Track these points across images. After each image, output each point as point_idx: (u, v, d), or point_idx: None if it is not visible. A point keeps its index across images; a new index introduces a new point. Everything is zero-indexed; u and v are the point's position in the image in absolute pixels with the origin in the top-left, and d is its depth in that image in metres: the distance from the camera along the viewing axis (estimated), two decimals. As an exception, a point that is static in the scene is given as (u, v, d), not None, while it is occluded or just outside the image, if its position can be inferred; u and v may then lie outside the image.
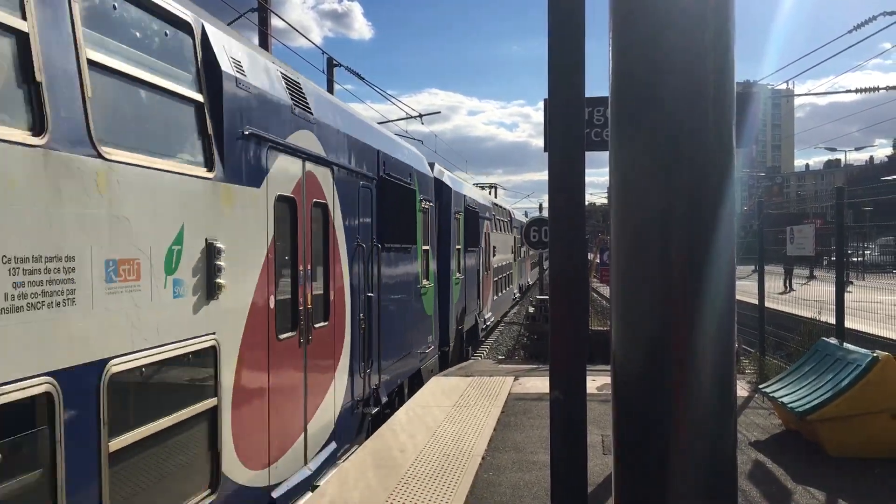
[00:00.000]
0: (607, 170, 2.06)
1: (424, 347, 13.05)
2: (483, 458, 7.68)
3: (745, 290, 11.14)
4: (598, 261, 22.21)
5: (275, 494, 6.32)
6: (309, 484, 7.03)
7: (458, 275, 16.63)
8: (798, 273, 26.04)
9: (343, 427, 8.29)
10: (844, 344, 8.35)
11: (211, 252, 5.20)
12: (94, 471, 4.02)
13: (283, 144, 6.58)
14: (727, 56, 1.79)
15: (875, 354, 7.53)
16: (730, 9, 1.79)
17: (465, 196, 17.86)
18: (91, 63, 4.10)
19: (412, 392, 11.81)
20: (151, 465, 4.67)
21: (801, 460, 7.48)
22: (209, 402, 5.25)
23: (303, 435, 7.10)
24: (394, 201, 10.21)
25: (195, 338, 5.04)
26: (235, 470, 5.63)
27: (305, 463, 7.13)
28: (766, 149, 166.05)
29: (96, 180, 4.04)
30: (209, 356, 5.26)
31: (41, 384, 3.60)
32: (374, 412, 9.40)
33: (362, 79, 19.55)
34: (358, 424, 8.97)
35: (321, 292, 7.68)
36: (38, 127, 3.63)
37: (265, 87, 6.37)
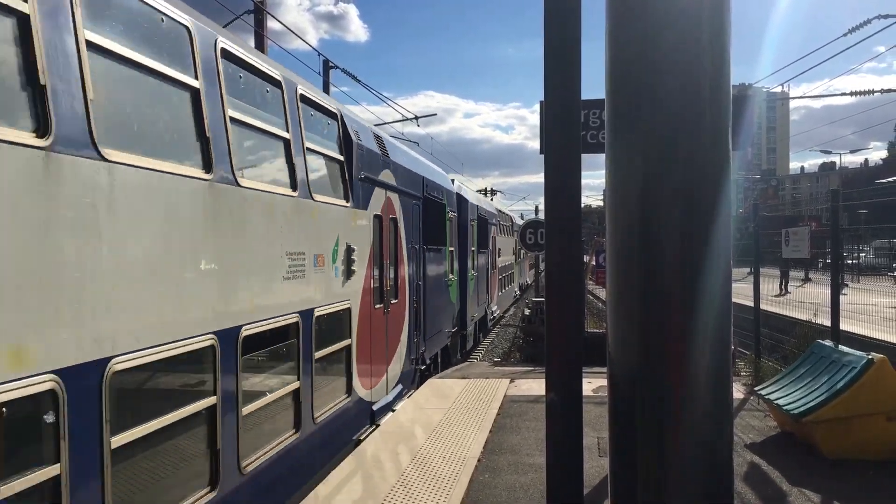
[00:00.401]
0: (603, 172, 2.06)
1: (450, 328, 16.41)
2: (479, 461, 7.67)
3: (741, 293, 11.18)
4: (593, 263, 22.22)
5: (374, 408, 9.61)
6: (389, 408, 10.27)
7: (472, 272, 19.57)
8: (793, 275, 26.07)
9: (406, 375, 11.69)
10: (840, 346, 8.37)
11: (349, 251, 8.44)
12: (310, 369, 7.24)
13: (377, 181, 9.80)
14: (723, 57, 1.79)
15: (870, 357, 7.55)
16: (726, 10, 1.79)
17: (477, 206, 20.92)
18: (308, 151, 7.43)
19: (443, 361, 15.28)
20: (325, 373, 7.79)
21: (797, 462, 7.49)
22: (347, 342, 8.50)
23: (386, 374, 10.39)
24: (432, 214, 13.44)
25: (342, 301, 8.27)
26: (357, 386, 8.90)
27: (387, 393, 10.42)
28: (761, 151, 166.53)
29: (311, 212, 7.33)
30: (347, 313, 8.49)
31: (294, 318, 6.80)
32: (422, 369, 12.91)
33: (358, 81, 19.57)
34: (413, 375, 12.33)
35: (393, 279, 10.79)
36: (293, 186, 6.84)
37: (369, 145, 9.67)
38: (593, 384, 10.62)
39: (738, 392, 10.47)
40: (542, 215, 30.12)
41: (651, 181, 1.80)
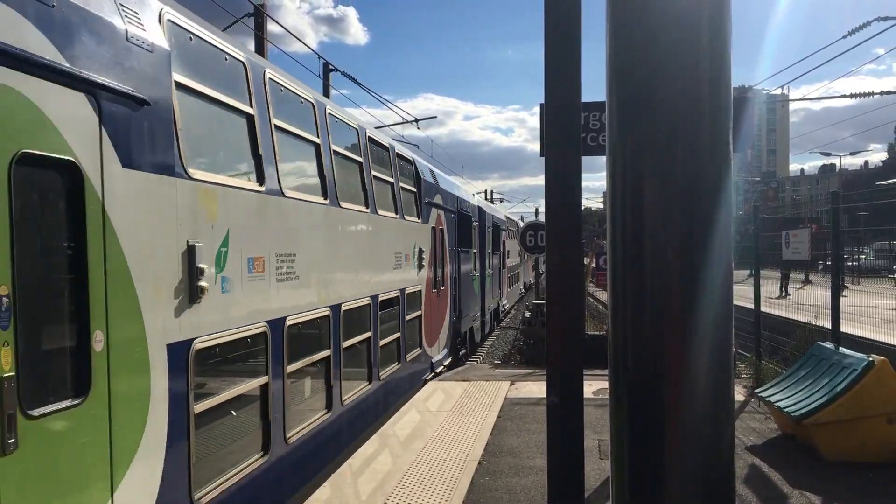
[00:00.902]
0: (604, 174, 2.06)
1: (475, 313, 20.93)
2: (480, 463, 7.67)
3: (741, 295, 11.18)
4: (594, 265, 22.21)
5: (433, 360, 13.85)
6: (441, 363, 14.56)
7: (489, 270, 23.79)
8: (793, 277, 26.07)
9: (448, 341, 16.00)
10: (840, 348, 8.36)
11: (420, 252, 12.55)
12: (403, 326, 11.44)
13: (433, 203, 13.99)
14: (723, 59, 1.79)
15: (870, 359, 7.54)
16: (726, 12, 1.79)
17: (492, 216, 25.71)
18: (401, 188, 11.78)
19: (471, 338, 20.12)
20: (409, 331, 11.80)
21: (798, 465, 7.48)
22: (419, 312, 12.70)
23: (438, 339, 14.65)
24: (463, 224, 17.72)
25: (417, 285, 12.38)
26: (424, 344, 13.17)
27: (439, 353, 14.61)
28: (761, 153, 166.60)
29: (403, 227, 11.55)
30: (419, 293, 12.66)
31: (397, 293, 11.16)
32: (458, 340, 17.43)
33: (358, 84, 19.58)
34: (453, 343, 16.61)
35: (441, 272, 14.80)
36: (396, 212, 11.08)
37: (428, 178, 13.95)
38: (594, 386, 10.62)
39: (738, 394, 10.47)
40: (542, 217, 30.40)
41: (651, 183, 1.80)
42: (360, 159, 9.58)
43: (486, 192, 63.92)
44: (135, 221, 4.60)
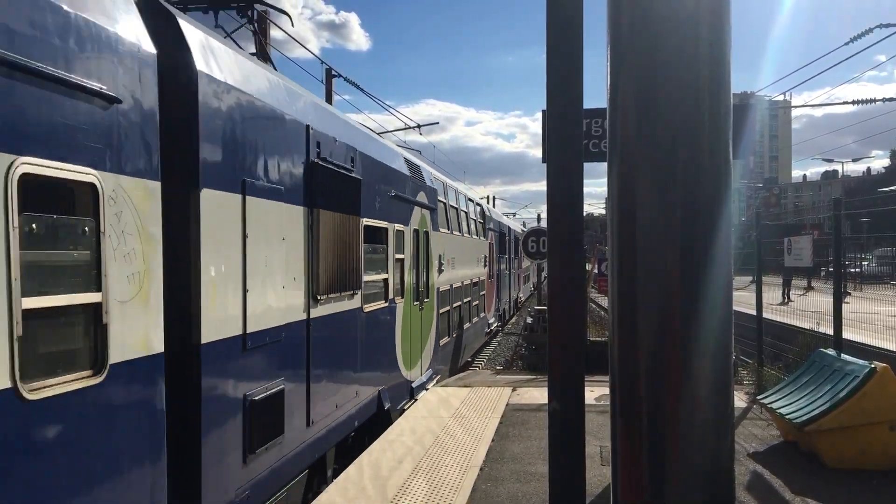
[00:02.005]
0: (606, 179, 2.07)
1: (506, 299, 29.99)
2: (481, 470, 7.65)
3: (743, 301, 11.18)
4: (595, 271, 22.25)
5: (488, 322, 24.05)
6: (492, 324, 25.54)
7: (513, 270, 32.92)
8: (795, 284, 26.08)
9: (496, 314, 26.47)
10: (842, 355, 8.35)
11: (485, 257, 22.42)
12: (478, 298, 21.95)
13: (489, 227, 23.49)
14: (723, 67, 1.80)
15: (872, 365, 7.53)
16: (726, 21, 1.80)
17: (514, 230, 35.07)
18: (479, 222, 22.31)
19: (503, 316, 29.63)
20: (481, 301, 21.98)
21: (800, 471, 7.46)
22: (484, 292, 22.38)
23: (491, 309, 24.89)
24: (501, 238, 26.18)
25: (483, 277, 21.87)
26: (484, 311, 22.78)
27: (491, 318, 24.80)
28: (763, 159, 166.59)
29: (479, 243, 21.47)
30: (484, 281, 22.18)
31: (478, 279, 21.08)
32: (499, 314, 27.59)
33: (361, 89, 19.63)
34: (498, 316, 27.55)
35: (491, 270, 23.72)
36: (476, 234, 21.00)
37: (488, 213, 24.27)
38: (595, 392, 10.60)
39: (740, 400, 10.45)
40: (544, 223, 31.50)
41: (652, 189, 1.81)
42: (466, 209, 18.11)
43: (487, 197, 63.98)
44: (434, 246, 13.33)
